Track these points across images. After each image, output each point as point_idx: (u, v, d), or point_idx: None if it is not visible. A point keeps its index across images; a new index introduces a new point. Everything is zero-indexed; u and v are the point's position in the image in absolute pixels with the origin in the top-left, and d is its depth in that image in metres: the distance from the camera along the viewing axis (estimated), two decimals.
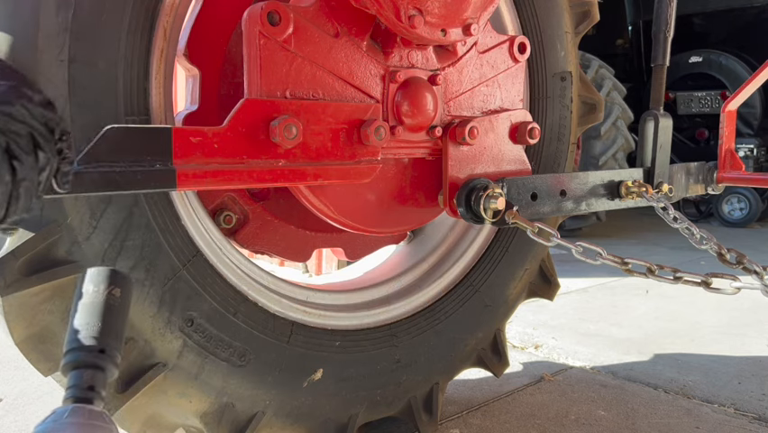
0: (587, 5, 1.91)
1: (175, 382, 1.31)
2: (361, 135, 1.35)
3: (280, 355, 1.45)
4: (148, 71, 1.22)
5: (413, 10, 1.34)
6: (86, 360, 0.86)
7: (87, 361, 0.86)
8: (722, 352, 2.62)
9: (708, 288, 1.42)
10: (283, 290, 1.53)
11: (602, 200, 1.76)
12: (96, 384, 0.85)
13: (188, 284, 1.30)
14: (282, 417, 1.49)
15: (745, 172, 2.29)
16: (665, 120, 1.95)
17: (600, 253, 1.44)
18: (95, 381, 0.85)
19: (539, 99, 1.82)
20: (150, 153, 1.09)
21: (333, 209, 1.45)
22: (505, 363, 1.93)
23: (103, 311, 0.89)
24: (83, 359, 0.86)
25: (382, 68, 1.42)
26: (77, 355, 0.86)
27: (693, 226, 1.66)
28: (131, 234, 1.21)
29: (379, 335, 1.63)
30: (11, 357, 2.30)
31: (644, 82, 7.52)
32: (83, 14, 1.12)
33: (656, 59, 1.96)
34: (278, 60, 1.26)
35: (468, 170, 1.54)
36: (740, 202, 6.57)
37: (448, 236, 1.87)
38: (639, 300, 3.49)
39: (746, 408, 2.06)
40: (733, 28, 7.16)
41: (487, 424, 1.90)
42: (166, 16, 1.25)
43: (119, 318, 0.91)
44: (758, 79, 2.32)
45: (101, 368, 0.86)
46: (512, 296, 1.88)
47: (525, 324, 2.96)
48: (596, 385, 2.23)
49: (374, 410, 1.65)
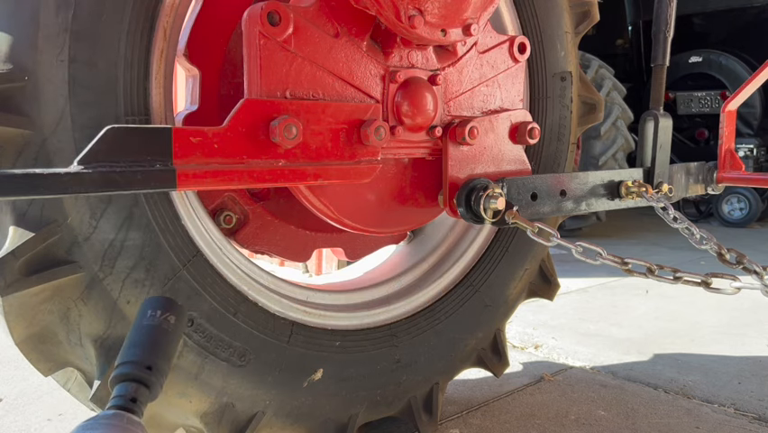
0: (587, 5, 1.91)
1: (175, 381, 1.31)
2: (361, 135, 1.35)
3: (280, 355, 1.45)
4: (148, 71, 1.22)
5: (413, 10, 1.34)
6: (133, 374, 0.92)
7: (134, 375, 0.92)
8: (722, 352, 2.62)
9: (708, 288, 1.42)
10: (283, 290, 1.53)
11: (602, 200, 1.76)
12: (139, 397, 0.90)
13: (188, 284, 1.30)
14: (282, 417, 1.49)
15: (744, 172, 2.29)
16: (665, 120, 1.95)
17: (600, 253, 1.44)
18: (138, 394, 0.90)
19: (539, 99, 1.82)
20: (150, 153, 1.09)
21: (333, 209, 1.45)
22: (505, 363, 1.93)
23: (156, 334, 0.96)
24: (131, 372, 0.92)
25: (382, 68, 1.42)
26: (126, 369, 0.93)
27: (693, 226, 1.66)
28: (131, 234, 1.21)
29: (379, 335, 1.63)
30: (11, 357, 2.30)
31: (644, 82, 7.52)
32: (83, 14, 1.13)
33: (656, 59, 1.96)
34: (278, 60, 1.26)
35: (468, 170, 1.54)
36: (740, 202, 6.57)
37: (448, 236, 1.87)
38: (639, 300, 3.49)
39: (746, 408, 2.06)
40: (733, 28, 7.16)
41: (487, 424, 1.90)
42: (166, 16, 1.25)
43: (170, 343, 0.97)
44: (758, 79, 2.32)
45: (146, 384, 0.92)
46: (512, 296, 1.88)
47: (525, 324, 2.96)
48: (596, 385, 2.23)
49: (374, 410, 1.65)
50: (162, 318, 0.99)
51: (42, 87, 1.10)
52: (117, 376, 0.93)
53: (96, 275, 1.18)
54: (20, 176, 0.94)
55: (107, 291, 1.20)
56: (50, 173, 0.95)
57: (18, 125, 1.10)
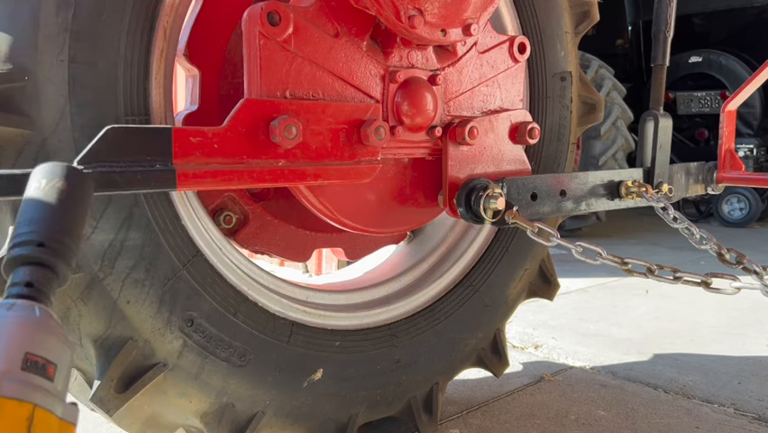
0: (587, 5, 1.91)
1: (175, 381, 1.31)
2: (361, 135, 1.35)
3: (280, 355, 1.45)
4: (148, 71, 1.22)
5: (413, 10, 1.34)
6: (19, 255, 0.74)
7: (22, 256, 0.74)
8: (722, 352, 2.62)
9: (708, 288, 1.42)
10: (283, 290, 1.53)
11: (602, 200, 1.76)
12: (35, 281, 0.73)
13: (188, 284, 1.30)
14: (282, 417, 1.49)
15: (744, 172, 2.29)
16: (665, 120, 1.95)
17: (600, 253, 1.44)
18: (33, 276, 0.73)
19: (539, 99, 1.82)
20: (150, 153, 1.09)
21: (333, 209, 1.45)
22: (505, 363, 1.93)
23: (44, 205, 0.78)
24: (14, 255, 0.74)
25: (382, 68, 1.42)
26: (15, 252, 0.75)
27: (693, 226, 1.66)
28: (131, 234, 1.21)
29: (379, 335, 1.63)
30: None
31: (644, 82, 7.52)
32: (83, 14, 1.13)
33: (656, 59, 1.96)
34: (277, 60, 1.26)
35: (468, 170, 1.54)
36: (740, 202, 6.57)
37: (448, 236, 1.87)
38: (639, 300, 3.49)
39: (746, 408, 2.06)
40: (733, 28, 7.17)
41: (487, 424, 1.90)
42: (166, 16, 1.25)
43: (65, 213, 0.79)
44: (758, 79, 2.32)
45: (41, 264, 0.74)
46: (512, 296, 1.88)
47: (525, 324, 2.96)
48: (596, 385, 2.23)
49: (374, 410, 1.65)
50: (48, 187, 0.80)
51: (42, 87, 1.10)
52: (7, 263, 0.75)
53: (96, 275, 1.18)
54: (20, 176, 0.93)
55: (107, 291, 1.20)
56: None
57: (18, 125, 1.09)
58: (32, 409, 0.62)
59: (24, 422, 0.61)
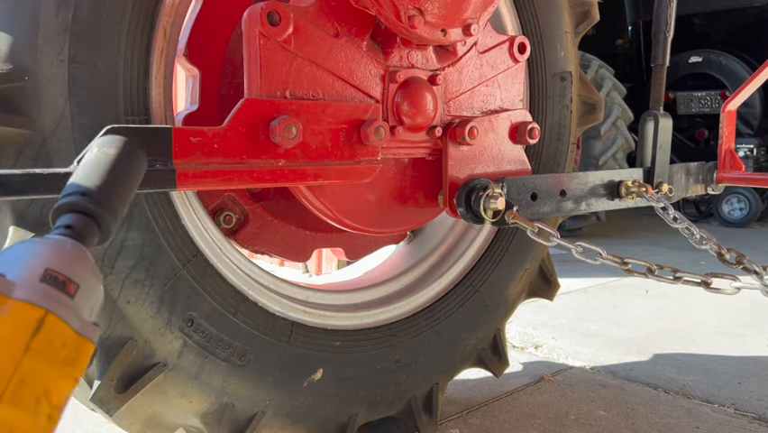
0: (587, 5, 1.91)
1: (175, 381, 1.31)
2: (361, 135, 1.35)
3: (280, 355, 1.45)
4: (148, 71, 1.22)
5: (413, 10, 1.34)
6: (64, 204, 0.77)
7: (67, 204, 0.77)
8: (722, 352, 2.62)
9: (708, 288, 1.42)
10: (283, 290, 1.53)
11: (602, 200, 1.76)
12: (75, 225, 0.75)
13: (188, 284, 1.30)
14: (282, 417, 1.49)
15: (744, 172, 2.29)
16: (665, 120, 1.95)
17: (600, 253, 1.44)
18: (73, 221, 0.75)
19: (539, 99, 1.82)
20: (150, 153, 1.09)
21: (333, 209, 1.45)
22: (505, 363, 1.93)
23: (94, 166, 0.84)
24: (60, 204, 0.78)
25: (382, 68, 1.42)
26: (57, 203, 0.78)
27: (693, 226, 1.66)
28: (131, 234, 1.21)
29: (379, 335, 1.63)
30: None
31: (644, 82, 7.52)
32: (83, 14, 1.13)
33: (656, 59, 1.96)
34: (277, 60, 1.26)
35: (468, 170, 1.54)
36: (740, 202, 6.57)
37: (448, 236, 1.87)
38: (639, 300, 3.49)
39: (746, 408, 2.06)
40: (733, 28, 7.17)
41: (487, 424, 1.90)
42: (166, 16, 1.25)
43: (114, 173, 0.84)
44: (758, 79, 2.32)
45: (84, 212, 0.77)
46: (512, 296, 1.88)
47: (525, 324, 2.96)
48: (596, 385, 2.23)
49: (374, 410, 1.65)
50: (100, 153, 0.88)
51: (42, 87, 1.10)
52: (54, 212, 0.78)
53: None
54: (20, 176, 0.93)
55: (107, 291, 1.20)
56: (50, 173, 0.95)
57: (18, 125, 1.09)
58: (43, 314, 0.60)
59: (33, 323, 0.59)
